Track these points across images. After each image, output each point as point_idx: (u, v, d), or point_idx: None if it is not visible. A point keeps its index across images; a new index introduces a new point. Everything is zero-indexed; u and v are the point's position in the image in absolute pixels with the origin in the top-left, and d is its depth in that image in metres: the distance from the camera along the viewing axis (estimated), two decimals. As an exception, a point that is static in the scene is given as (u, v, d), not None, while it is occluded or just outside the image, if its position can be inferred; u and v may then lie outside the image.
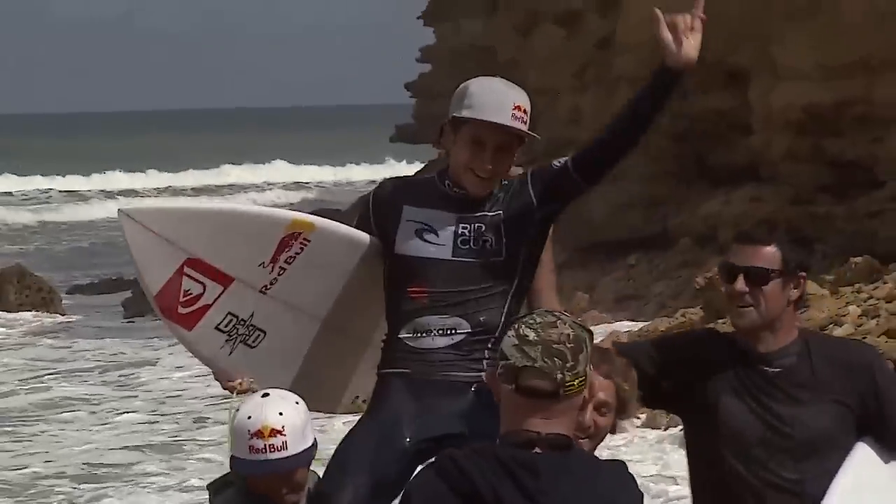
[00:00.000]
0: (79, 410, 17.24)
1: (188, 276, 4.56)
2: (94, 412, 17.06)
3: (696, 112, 22.11)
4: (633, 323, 20.95)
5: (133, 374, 19.48)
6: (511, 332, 3.40)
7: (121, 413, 16.81)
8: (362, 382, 4.70)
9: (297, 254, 4.56)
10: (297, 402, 4.36)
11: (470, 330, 4.44)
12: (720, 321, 17.92)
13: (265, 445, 4.30)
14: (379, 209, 4.55)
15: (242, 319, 4.63)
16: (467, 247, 4.43)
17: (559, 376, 3.31)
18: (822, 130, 20.52)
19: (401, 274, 4.47)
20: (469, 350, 4.44)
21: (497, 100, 4.37)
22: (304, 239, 4.56)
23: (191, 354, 4.71)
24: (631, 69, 22.96)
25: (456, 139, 4.42)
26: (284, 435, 4.30)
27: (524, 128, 4.38)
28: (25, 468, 14.10)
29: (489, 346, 4.41)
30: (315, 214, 4.89)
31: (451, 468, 3.36)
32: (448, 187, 4.47)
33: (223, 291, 4.59)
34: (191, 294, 4.58)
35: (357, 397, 4.79)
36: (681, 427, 4.43)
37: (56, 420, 16.85)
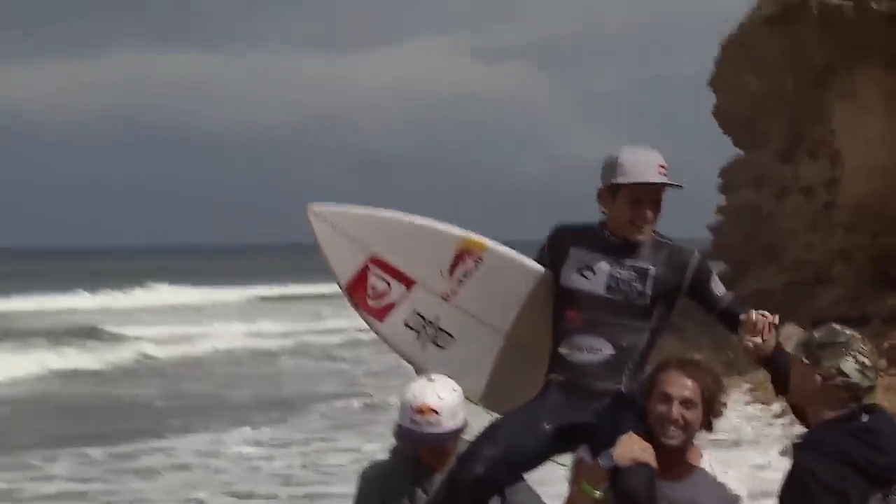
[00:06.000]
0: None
1: (374, 273, 4.75)
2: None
3: (883, 245, 27.32)
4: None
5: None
6: (850, 358, 3.91)
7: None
8: (531, 388, 4.93)
9: (473, 270, 4.81)
10: (455, 390, 4.74)
11: (613, 352, 4.80)
12: (902, 368, 23.52)
13: (423, 420, 4.67)
14: (552, 249, 4.95)
15: (429, 321, 4.88)
16: (617, 287, 4.79)
17: (875, 384, 3.96)
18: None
19: (563, 300, 4.87)
20: (610, 366, 4.81)
21: (644, 164, 4.71)
22: (478, 257, 4.78)
23: (388, 347, 4.93)
24: (845, 220, 28.24)
25: (615, 200, 4.76)
26: (439, 415, 4.68)
27: (668, 180, 4.68)
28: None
29: (627, 365, 4.82)
30: None
31: (820, 450, 3.80)
32: (607, 236, 4.81)
33: (407, 292, 4.79)
34: (377, 290, 4.77)
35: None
36: None
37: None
